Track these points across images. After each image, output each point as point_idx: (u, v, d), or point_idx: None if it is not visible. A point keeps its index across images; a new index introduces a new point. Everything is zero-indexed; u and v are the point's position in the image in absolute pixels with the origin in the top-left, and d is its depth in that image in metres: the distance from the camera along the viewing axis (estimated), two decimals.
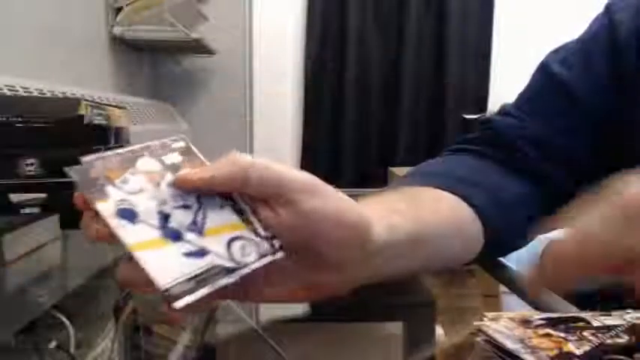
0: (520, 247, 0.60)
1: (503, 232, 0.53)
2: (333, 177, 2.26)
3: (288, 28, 2.21)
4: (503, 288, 0.62)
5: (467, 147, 0.61)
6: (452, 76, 2.28)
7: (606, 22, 0.59)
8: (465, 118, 2.29)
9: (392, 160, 2.26)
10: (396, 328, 0.41)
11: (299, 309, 0.36)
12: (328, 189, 0.34)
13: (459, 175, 0.54)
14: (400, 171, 1.81)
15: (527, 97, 0.62)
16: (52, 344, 0.37)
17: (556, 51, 0.62)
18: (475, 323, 0.36)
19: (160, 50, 2.04)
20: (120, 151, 0.32)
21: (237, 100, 2.17)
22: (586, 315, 0.38)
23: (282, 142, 2.20)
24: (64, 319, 0.42)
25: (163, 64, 2.16)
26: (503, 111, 0.62)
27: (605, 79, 0.57)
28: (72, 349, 0.36)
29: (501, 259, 0.68)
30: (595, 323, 0.36)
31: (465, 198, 0.50)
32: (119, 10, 1.68)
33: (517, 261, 0.67)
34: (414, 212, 0.43)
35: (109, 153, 0.32)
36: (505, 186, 0.55)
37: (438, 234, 0.45)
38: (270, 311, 0.41)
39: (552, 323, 0.36)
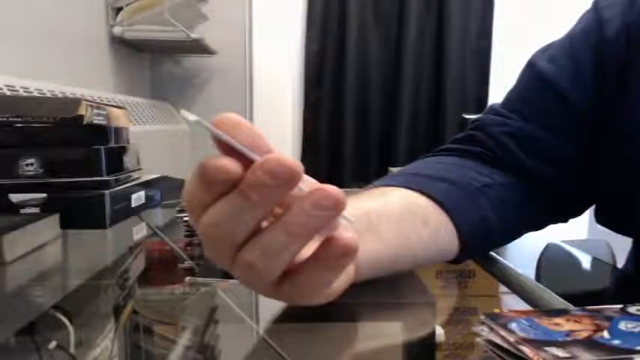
0: (507, 243, 0.60)
1: (480, 222, 0.52)
2: (334, 177, 2.26)
3: (289, 29, 2.22)
4: (503, 288, 0.62)
5: (454, 146, 0.62)
6: (452, 76, 2.28)
7: (594, 20, 0.59)
8: (465, 118, 2.29)
9: (392, 160, 2.26)
10: (395, 328, 0.41)
11: (299, 309, 0.36)
12: None
13: (427, 173, 0.54)
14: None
15: (514, 95, 0.62)
16: (52, 344, 0.37)
17: (544, 49, 0.62)
18: (481, 316, 0.36)
19: (160, 50, 2.04)
20: None
21: (237, 100, 2.17)
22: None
23: (282, 143, 2.20)
24: (64, 319, 0.42)
25: (163, 64, 2.16)
26: (490, 110, 0.62)
27: (593, 76, 0.57)
28: (72, 349, 0.36)
29: (501, 259, 0.68)
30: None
31: (426, 194, 0.50)
32: (119, 10, 1.68)
33: (517, 261, 0.67)
34: (394, 234, 0.44)
35: None
36: (478, 179, 0.55)
37: (416, 254, 0.47)
38: (271, 311, 0.41)
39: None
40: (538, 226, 0.62)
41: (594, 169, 0.59)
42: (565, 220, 0.64)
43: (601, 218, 0.62)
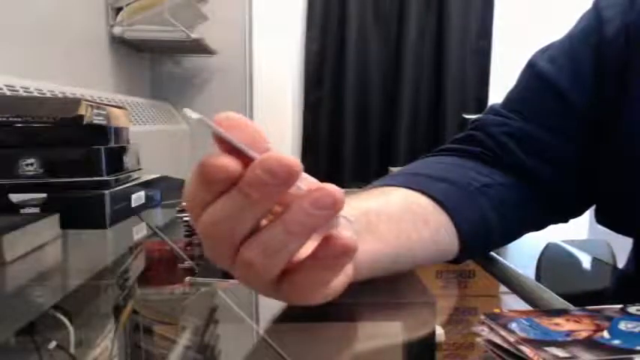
0: (507, 243, 0.60)
1: (480, 222, 0.52)
2: (334, 177, 2.26)
3: (289, 29, 2.21)
4: (503, 288, 0.62)
5: (454, 146, 0.62)
6: (452, 76, 2.28)
7: (594, 19, 0.59)
8: (465, 118, 2.29)
9: (392, 160, 2.26)
10: (395, 328, 0.41)
11: (299, 309, 0.36)
12: None
13: (428, 173, 0.54)
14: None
15: (514, 95, 0.62)
16: (52, 344, 0.37)
17: (544, 49, 0.62)
18: (481, 316, 0.36)
19: (160, 50, 2.04)
20: None
21: (237, 100, 2.17)
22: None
23: (282, 143, 2.20)
24: (64, 319, 0.42)
25: (163, 64, 2.16)
26: (490, 110, 0.62)
27: (592, 76, 0.57)
28: (72, 349, 0.36)
29: (501, 259, 0.68)
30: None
31: (427, 194, 0.50)
32: (119, 10, 1.68)
33: (517, 261, 0.67)
34: (394, 234, 0.44)
35: None
36: (478, 179, 0.55)
37: (416, 254, 0.47)
38: (271, 311, 0.41)
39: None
40: (538, 226, 0.62)
41: (594, 169, 0.59)
42: (565, 221, 0.63)
43: (601, 218, 0.62)
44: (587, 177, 0.59)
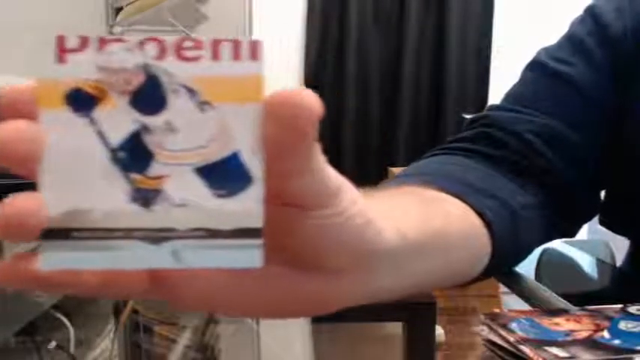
0: (524, 259, 0.57)
1: (511, 251, 0.48)
2: None
3: (289, 29, 2.22)
4: (503, 288, 0.62)
5: (462, 146, 0.57)
6: (452, 76, 2.28)
7: (593, 24, 0.58)
8: (465, 118, 2.29)
9: (392, 160, 2.26)
10: (396, 328, 0.41)
11: None
12: None
13: (468, 181, 0.48)
14: (400, 171, 1.81)
15: (524, 93, 0.58)
16: (52, 344, 0.37)
17: (546, 49, 0.60)
18: (481, 316, 0.36)
19: None
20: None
21: None
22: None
23: None
24: (64, 319, 0.42)
25: None
26: (495, 107, 0.57)
27: (607, 75, 0.56)
28: (72, 349, 0.37)
29: None
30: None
31: (476, 210, 0.44)
32: (119, 10, 1.68)
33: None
34: (423, 216, 0.35)
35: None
36: (518, 198, 0.49)
37: (447, 246, 0.38)
38: None
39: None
40: (546, 238, 0.57)
41: (603, 171, 0.57)
42: (571, 233, 0.60)
43: (604, 220, 0.61)
44: (598, 180, 0.57)
